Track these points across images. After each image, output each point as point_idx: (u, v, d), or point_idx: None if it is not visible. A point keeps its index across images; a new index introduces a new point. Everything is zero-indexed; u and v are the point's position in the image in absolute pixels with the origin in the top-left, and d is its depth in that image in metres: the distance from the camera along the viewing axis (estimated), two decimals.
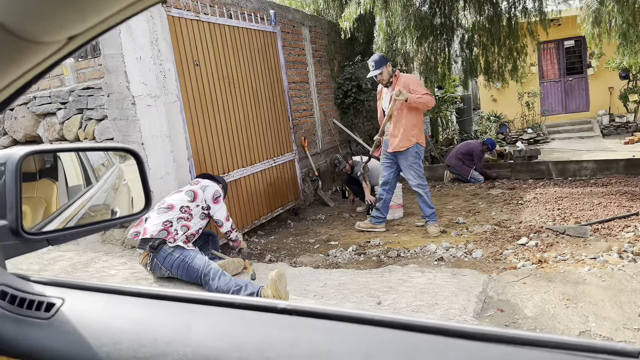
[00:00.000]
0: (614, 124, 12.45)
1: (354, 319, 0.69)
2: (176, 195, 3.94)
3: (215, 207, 3.98)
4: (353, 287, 3.67)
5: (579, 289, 3.28)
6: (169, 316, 0.79)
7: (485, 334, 0.62)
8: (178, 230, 3.72)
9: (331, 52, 8.34)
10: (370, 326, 0.68)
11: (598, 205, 5.43)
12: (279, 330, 0.71)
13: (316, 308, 0.73)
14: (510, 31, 8.72)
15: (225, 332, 0.73)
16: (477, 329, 0.64)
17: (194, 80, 4.73)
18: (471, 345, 0.61)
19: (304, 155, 7.17)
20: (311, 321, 0.71)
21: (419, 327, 0.65)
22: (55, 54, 0.56)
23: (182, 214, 3.78)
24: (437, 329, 0.65)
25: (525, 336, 0.60)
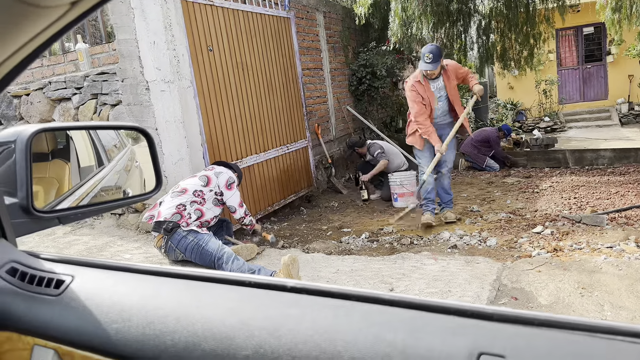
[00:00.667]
0: (633, 113, 12.21)
1: (359, 297, 0.68)
2: (190, 179, 3.96)
3: (229, 193, 3.99)
4: (366, 273, 3.66)
5: (595, 278, 3.23)
6: (178, 294, 0.79)
7: (501, 315, 0.60)
8: (191, 214, 3.74)
9: (345, 38, 8.27)
10: (375, 304, 0.67)
11: (615, 194, 5.34)
12: (287, 307, 0.70)
13: (324, 287, 0.72)
14: (528, 17, 8.53)
15: (234, 309, 0.72)
16: (490, 309, 0.62)
17: (207, 65, 4.72)
18: (484, 325, 0.60)
19: (317, 143, 7.15)
20: (318, 299, 0.71)
21: (425, 306, 0.64)
22: (59, 20, 0.54)
23: (195, 198, 3.80)
24: (443, 308, 0.63)
25: (545, 317, 0.58)
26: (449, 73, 4.81)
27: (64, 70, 5.26)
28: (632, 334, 0.52)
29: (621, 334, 0.53)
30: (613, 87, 13.30)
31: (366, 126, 8.38)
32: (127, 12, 4.37)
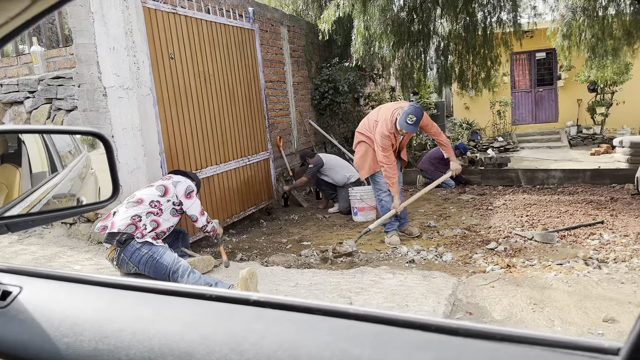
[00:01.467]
0: (581, 135, 12.80)
1: (325, 311, 0.67)
2: (147, 189, 3.85)
3: (188, 202, 3.90)
4: (324, 287, 3.65)
5: (546, 294, 3.34)
6: (135, 307, 0.76)
7: (465, 329, 0.60)
8: (147, 226, 3.63)
9: (309, 52, 8.33)
10: (341, 319, 0.66)
11: (565, 212, 5.56)
12: (250, 322, 0.68)
13: (289, 300, 0.71)
14: (485, 40, 8.87)
15: (194, 323, 0.70)
16: (455, 324, 0.62)
17: (168, 73, 4.65)
18: (449, 339, 0.60)
19: (279, 155, 7.13)
20: (283, 313, 0.69)
21: (391, 320, 0.64)
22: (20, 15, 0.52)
23: (151, 209, 3.70)
24: (409, 323, 0.63)
25: (508, 332, 0.59)
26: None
27: (17, 73, 5.06)
28: (592, 349, 0.54)
29: (581, 349, 0.54)
30: (563, 110, 13.93)
31: (328, 140, 8.43)
32: (87, 16, 4.26)
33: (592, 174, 7.27)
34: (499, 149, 12.45)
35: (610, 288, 3.35)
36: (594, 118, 12.80)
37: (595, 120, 12.82)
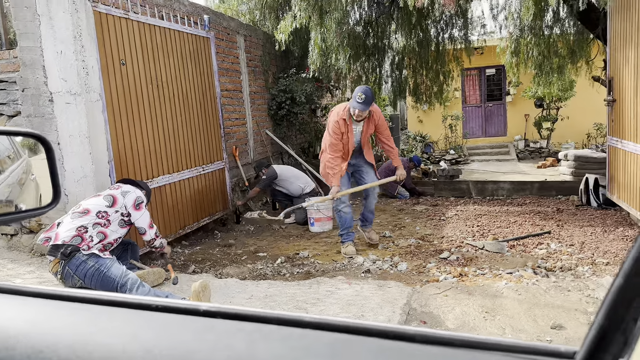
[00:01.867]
0: (529, 149, 13.33)
1: (279, 320, 0.64)
2: (93, 199, 3.68)
3: (137, 214, 3.75)
4: (280, 299, 3.60)
5: (497, 302, 3.41)
6: (73, 319, 0.70)
7: (423, 335, 0.59)
8: (94, 237, 3.48)
9: (266, 62, 8.31)
10: (296, 327, 0.63)
11: (514, 223, 5.74)
12: (199, 333, 0.64)
13: (241, 310, 0.67)
14: (438, 56, 9.12)
15: (137, 335, 0.65)
16: (412, 330, 0.61)
17: (119, 79, 4.50)
18: (407, 346, 0.58)
19: (235, 165, 7.03)
20: (235, 323, 0.65)
21: (348, 328, 0.62)
22: None
23: (98, 220, 3.54)
24: (366, 330, 0.61)
25: (466, 338, 0.58)
26: (371, 121, 4.87)
27: None
28: (548, 353, 0.53)
29: (539, 353, 0.53)
30: (511, 124, 14.48)
31: (285, 150, 8.40)
32: (33, 18, 4.08)
33: (539, 186, 7.56)
34: (451, 161, 12.78)
35: (558, 296, 3.47)
36: (541, 132, 13.36)
37: (541, 135, 13.38)
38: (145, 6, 5.07)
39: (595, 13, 6.33)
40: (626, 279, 0.42)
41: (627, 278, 0.42)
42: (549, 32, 7.93)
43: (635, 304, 0.43)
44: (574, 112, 12.87)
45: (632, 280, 0.42)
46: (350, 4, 7.63)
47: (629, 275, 0.42)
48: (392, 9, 8.59)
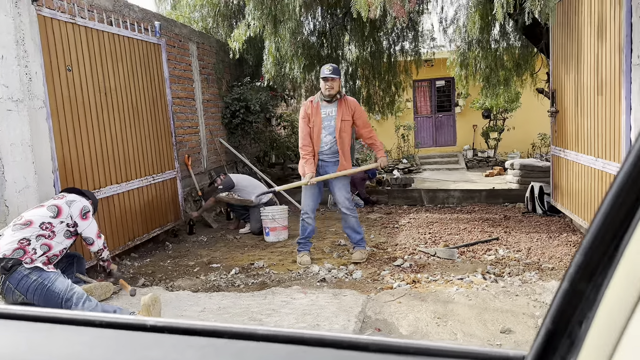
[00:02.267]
0: (477, 158, 13.79)
1: (232, 333, 0.63)
2: (37, 210, 3.51)
3: (84, 224, 3.61)
4: (234, 310, 3.54)
5: (449, 308, 3.48)
6: (13, 337, 0.66)
7: (376, 344, 0.59)
8: (37, 250, 3.31)
9: (219, 70, 8.22)
10: (249, 340, 0.62)
11: (464, 230, 5.90)
12: (146, 349, 0.62)
13: (191, 324, 0.65)
14: (390, 67, 9.32)
15: (82, 353, 0.62)
16: (365, 339, 0.60)
17: (65, 86, 4.33)
18: (361, 356, 0.58)
19: (187, 174, 6.89)
20: (184, 338, 0.63)
21: (302, 339, 0.61)
22: None
23: (42, 231, 3.37)
24: (320, 341, 0.60)
25: (413, 345, 0.58)
26: (345, 104, 4.66)
27: None
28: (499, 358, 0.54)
29: (489, 358, 0.54)
30: (460, 134, 14.95)
31: (239, 159, 8.31)
32: None
33: (487, 194, 7.81)
34: (404, 170, 13.03)
35: (506, 301, 3.58)
36: (488, 142, 13.85)
37: (489, 145, 13.87)
38: (93, 11, 4.92)
39: (539, 28, 6.64)
40: (571, 284, 0.44)
41: (572, 283, 0.44)
42: (496, 46, 8.26)
43: (579, 308, 0.44)
44: (519, 122, 13.43)
45: (577, 285, 0.43)
46: (304, 14, 7.68)
47: (574, 280, 0.44)
48: (346, 20, 8.72)
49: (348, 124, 4.70)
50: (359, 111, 4.75)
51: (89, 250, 3.95)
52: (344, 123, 4.66)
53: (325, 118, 4.68)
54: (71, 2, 4.66)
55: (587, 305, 0.42)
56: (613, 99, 4.26)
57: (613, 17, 4.18)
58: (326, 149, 4.73)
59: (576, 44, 5.13)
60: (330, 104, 4.69)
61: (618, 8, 4.05)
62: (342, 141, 4.69)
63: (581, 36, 4.96)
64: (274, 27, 7.04)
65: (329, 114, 4.68)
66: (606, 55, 4.36)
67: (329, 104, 4.68)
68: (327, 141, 4.71)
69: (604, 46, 4.39)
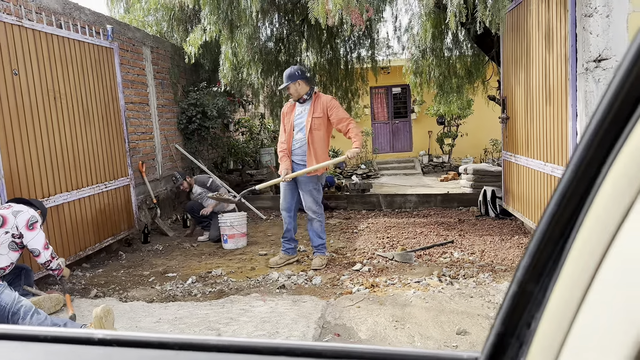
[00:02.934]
0: (432, 164, 14.10)
1: (182, 345, 0.61)
2: None
3: (31, 235, 3.45)
4: (191, 320, 3.46)
5: (406, 311, 3.53)
6: None
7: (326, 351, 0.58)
8: None
9: (175, 75, 8.08)
10: (201, 351, 0.60)
11: (420, 234, 6.01)
12: None
13: (140, 336, 0.63)
14: (347, 74, 9.42)
15: None
16: (320, 346, 0.60)
17: (11, 90, 4.15)
18: None
19: (141, 181, 6.72)
20: (134, 351, 0.61)
21: (255, 348, 0.60)
22: None
23: None
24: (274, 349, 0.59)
25: (370, 350, 0.58)
26: (317, 101, 4.66)
27: None
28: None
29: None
30: (416, 140, 15.26)
31: (196, 166, 8.17)
32: None
33: (442, 198, 7.99)
34: (362, 175, 13.17)
35: (462, 302, 3.66)
36: (443, 148, 14.19)
37: (443, 150, 14.22)
38: (41, 14, 4.74)
39: (490, 37, 6.87)
40: (519, 287, 0.45)
41: (520, 285, 0.45)
42: (449, 54, 8.49)
43: (528, 310, 0.45)
44: (472, 128, 13.84)
45: (524, 287, 0.45)
46: (262, 20, 7.67)
47: (521, 282, 0.45)
48: (303, 27, 8.76)
49: (320, 122, 4.68)
50: (332, 107, 4.70)
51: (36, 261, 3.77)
52: (315, 120, 4.66)
53: (298, 116, 4.77)
54: (18, 3, 4.47)
55: (534, 307, 0.44)
56: (560, 106, 4.45)
57: (559, 28, 4.38)
58: (297, 148, 4.75)
59: (525, 53, 5.34)
60: (304, 103, 4.78)
61: (564, 19, 4.25)
62: (312, 139, 4.67)
63: (530, 45, 5.17)
64: (231, 32, 6.97)
65: (302, 112, 4.76)
66: (554, 64, 4.56)
67: (302, 104, 4.79)
68: (298, 138, 4.75)
69: (552, 55, 4.59)
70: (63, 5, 5.23)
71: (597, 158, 0.40)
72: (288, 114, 4.82)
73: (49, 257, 3.59)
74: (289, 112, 4.83)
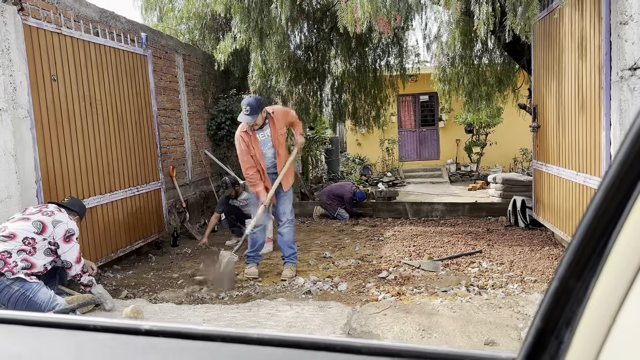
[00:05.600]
0: (460, 172, 13.94)
1: (225, 337, 0.63)
2: (21, 223, 3.43)
3: (66, 247, 3.53)
4: (219, 323, 3.51)
5: (433, 320, 3.50)
6: (2, 343, 0.65)
7: (368, 347, 0.60)
8: (18, 262, 3.25)
9: (205, 82, 8.23)
10: (243, 344, 0.62)
11: (447, 243, 5.95)
12: (142, 352, 0.62)
13: (185, 328, 0.65)
14: (375, 81, 9.43)
15: (77, 357, 0.62)
16: (358, 342, 0.61)
17: (49, 96, 4.30)
18: (355, 358, 0.59)
19: (172, 186, 6.85)
20: (179, 342, 0.64)
21: (295, 342, 0.62)
22: None
23: (24, 246, 3.32)
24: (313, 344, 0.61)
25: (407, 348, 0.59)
26: (275, 120, 4.77)
27: None
28: None
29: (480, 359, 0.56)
30: (444, 149, 15.12)
31: (224, 171, 8.28)
32: None
33: (471, 208, 7.89)
34: (388, 183, 13.11)
35: (490, 313, 3.61)
36: (471, 157, 14.02)
37: (471, 159, 14.04)
38: (79, 22, 4.90)
39: (520, 45, 6.79)
40: (560, 282, 0.46)
41: (561, 281, 0.46)
42: (478, 62, 8.41)
43: (568, 307, 0.46)
44: (501, 137, 13.64)
45: (566, 283, 0.45)
46: (291, 28, 7.75)
47: (563, 278, 0.46)
48: (332, 35, 8.81)
49: (282, 135, 4.87)
50: (288, 116, 4.91)
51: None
52: (279, 134, 4.82)
53: (263, 141, 4.81)
54: (57, 12, 4.64)
55: (575, 304, 0.44)
56: (594, 115, 4.36)
57: (593, 36, 4.30)
58: (269, 164, 4.86)
59: (557, 61, 5.26)
60: (263, 127, 4.79)
61: (598, 27, 4.18)
62: (280, 147, 4.83)
63: (562, 53, 5.09)
64: (260, 40, 7.07)
65: (266, 136, 4.82)
66: (587, 73, 4.48)
67: (262, 128, 4.79)
68: (269, 156, 4.83)
69: (585, 64, 4.51)
70: (100, 14, 5.40)
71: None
72: (252, 142, 4.73)
73: (79, 271, 3.64)
74: (251, 139, 4.72)
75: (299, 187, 9.64)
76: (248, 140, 4.71)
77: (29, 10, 4.17)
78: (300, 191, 9.72)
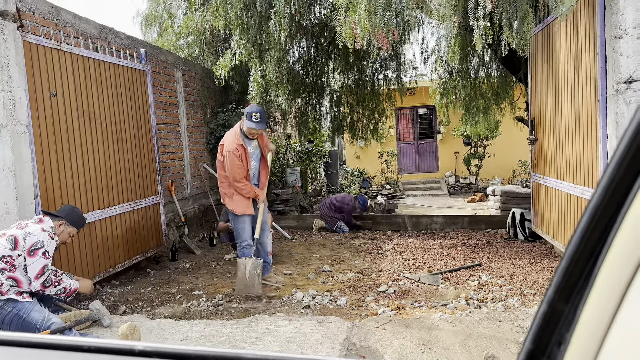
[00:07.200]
0: (459, 185, 13.95)
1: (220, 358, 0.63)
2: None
3: (29, 261, 3.31)
4: (217, 339, 3.49)
5: (433, 334, 3.48)
6: None
7: None
8: (3, 282, 3.20)
9: (204, 97, 8.27)
10: None
11: (447, 255, 5.93)
12: None
13: (179, 349, 0.65)
14: (373, 95, 9.49)
15: None
16: None
17: (49, 111, 4.32)
18: None
19: (170, 200, 6.85)
20: None
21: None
22: None
23: (3, 265, 3.23)
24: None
25: None
26: (262, 137, 5.08)
27: None
28: None
29: None
30: (442, 161, 15.16)
31: None
32: None
33: (470, 220, 7.88)
34: (387, 196, 13.11)
35: (490, 326, 3.59)
36: (469, 169, 14.05)
37: (470, 171, 14.07)
38: (79, 38, 4.94)
39: (516, 58, 6.84)
40: (549, 305, 0.46)
41: (550, 304, 0.46)
42: (475, 75, 8.48)
43: (558, 329, 0.46)
44: (499, 150, 13.68)
45: (555, 306, 0.46)
46: (290, 43, 7.81)
47: (552, 301, 0.46)
48: (330, 49, 8.89)
49: (266, 147, 5.22)
50: (267, 142, 5.25)
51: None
52: (265, 149, 5.17)
53: (252, 153, 5.04)
54: (57, 28, 4.68)
55: (565, 326, 0.44)
56: (590, 128, 4.38)
57: (588, 50, 4.34)
58: (253, 174, 5.10)
59: (553, 74, 5.30)
60: (253, 140, 5.02)
61: (593, 40, 4.22)
62: (263, 167, 5.17)
63: (558, 67, 5.13)
64: (260, 56, 7.13)
65: (254, 147, 5.05)
66: (582, 86, 4.51)
67: (250, 140, 5.00)
68: (254, 167, 5.09)
69: (580, 77, 4.55)
70: (100, 30, 5.45)
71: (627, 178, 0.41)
72: (244, 159, 4.90)
73: (38, 287, 3.35)
74: (245, 156, 4.91)
75: (298, 200, 9.64)
76: (242, 153, 4.86)
77: (28, 26, 4.21)
78: (300, 204, 9.72)
